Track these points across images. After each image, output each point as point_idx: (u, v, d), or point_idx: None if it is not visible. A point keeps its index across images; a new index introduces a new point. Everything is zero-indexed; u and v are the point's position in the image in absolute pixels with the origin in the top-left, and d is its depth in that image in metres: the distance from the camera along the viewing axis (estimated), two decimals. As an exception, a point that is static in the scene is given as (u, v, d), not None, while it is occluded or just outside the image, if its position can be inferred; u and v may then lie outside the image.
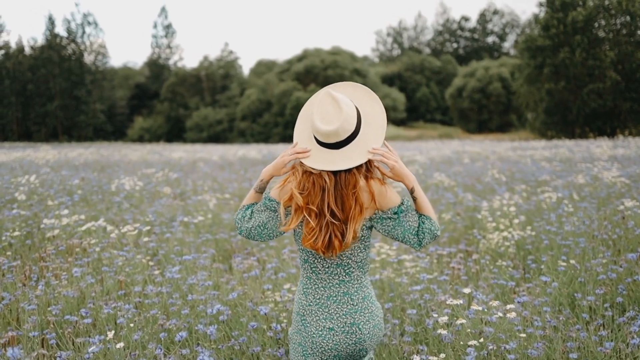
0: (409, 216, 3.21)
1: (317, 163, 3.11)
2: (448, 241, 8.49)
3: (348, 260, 3.23)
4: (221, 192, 13.03)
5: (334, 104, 3.09)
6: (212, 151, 32.79)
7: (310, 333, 3.25)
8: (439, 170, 16.59)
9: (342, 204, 3.13)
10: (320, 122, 3.08)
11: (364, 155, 3.11)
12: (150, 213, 9.94)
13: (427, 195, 11.62)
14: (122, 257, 6.44)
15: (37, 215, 9.75)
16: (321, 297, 3.25)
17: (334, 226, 3.13)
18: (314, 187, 3.14)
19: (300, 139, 3.23)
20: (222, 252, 8.25)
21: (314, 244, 3.14)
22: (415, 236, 3.21)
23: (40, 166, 19.33)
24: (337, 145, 3.11)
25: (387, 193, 3.19)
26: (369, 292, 3.32)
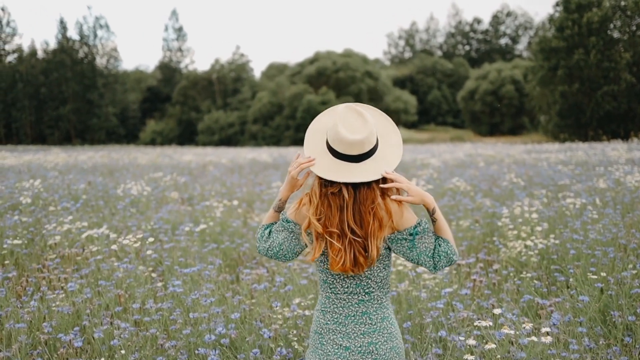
0: (425, 238, 3.12)
1: (337, 176, 3.04)
2: (467, 250, 8.08)
3: (367, 280, 3.15)
4: (229, 197, 12.67)
5: (359, 117, 3.05)
6: (222, 154, 32.48)
7: (326, 351, 3.19)
8: (453, 174, 16.17)
9: (360, 220, 3.05)
10: (347, 131, 3.01)
11: (381, 168, 3.05)
12: (155, 220, 9.58)
13: (443, 200, 11.19)
14: (123, 268, 6.07)
15: (39, 221, 9.42)
16: (339, 316, 3.19)
17: (356, 243, 3.05)
18: (330, 209, 3.07)
19: (313, 153, 3.15)
20: (229, 260, 7.89)
21: (342, 267, 3.07)
22: (430, 259, 3.12)
23: (48, 170, 19.03)
24: (357, 158, 3.05)
25: (404, 213, 3.10)
26: (388, 314, 3.24)
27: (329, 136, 3.10)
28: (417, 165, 20.42)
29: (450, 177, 15.01)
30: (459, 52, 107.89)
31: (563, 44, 54.01)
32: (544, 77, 56.11)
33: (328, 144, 3.10)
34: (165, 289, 5.67)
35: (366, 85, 75.03)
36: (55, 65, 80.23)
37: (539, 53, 56.84)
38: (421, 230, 3.09)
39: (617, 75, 52.03)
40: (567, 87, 53.71)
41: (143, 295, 5.51)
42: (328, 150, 3.10)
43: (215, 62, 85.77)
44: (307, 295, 5.70)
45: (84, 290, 5.60)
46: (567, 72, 53.84)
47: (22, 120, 79.81)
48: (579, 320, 4.81)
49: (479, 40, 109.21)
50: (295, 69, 78.79)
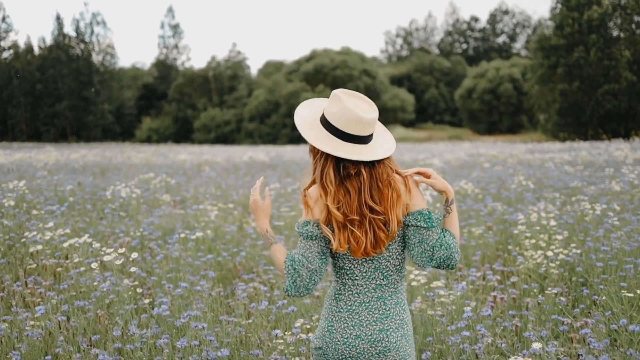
0: (436, 229, 3.10)
1: (360, 156, 3.03)
2: (481, 259, 7.49)
3: (386, 263, 3.12)
4: (224, 199, 12.06)
5: (359, 98, 3.11)
6: (218, 153, 31.83)
7: (335, 340, 3.12)
8: (458, 176, 15.58)
9: (379, 195, 3.06)
10: (362, 112, 3.03)
11: (391, 147, 3.16)
12: (145, 224, 8.96)
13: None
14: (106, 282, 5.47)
15: (21, 226, 8.81)
16: (353, 304, 3.13)
17: (377, 221, 3.05)
18: (348, 195, 3.06)
19: (316, 139, 3.09)
20: (225, 271, 7.30)
21: (364, 252, 3.05)
22: (430, 249, 3.08)
23: (37, 169, 18.38)
24: (366, 139, 3.08)
25: (417, 189, 3.13)
26: (402, 299, 3.21)
27: (337, 121, 3.06)
28: (419, 165, 19.81)
29: (456, 179, 14.41)
30: (456, 51, 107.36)
31: (563, 42, 53.47)
32: (544, 75, 55.58)
33: (335, 128, 3.07)
34: (151, 307, 5.07)
35: (363, 83, 74.71)
36: (51, 61, 79.70)
37: (539, 51, 56.34)
38: (436, 219, 3.07)
39: (617, 74, 51.51)
40: (567, 86, 53.20)
41: (127, 315, 4.91)
42: (335, 136, 3.07)
43: (211, 60, 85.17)
44: (308, 313, 5.14)
45: (60, 308, 5.00)
46: (567, 70, 53.32)
47: (17, 117, 79.32)
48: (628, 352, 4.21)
49: (476, 39, 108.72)
50: (292, 67, 78.39)
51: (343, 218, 3.04)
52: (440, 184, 3.12)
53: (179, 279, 6.03)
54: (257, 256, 7.74)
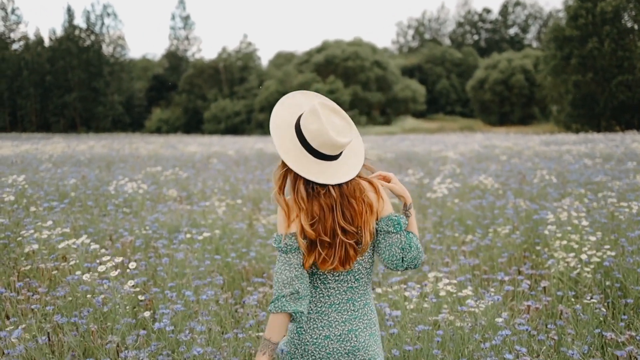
0: (404, 233, 3.15)
1: (326, 177, 3.02)
2: (507, 262, 6.98)
3: (359, 267, 3.13)
4: (233, 194, 11.56)
5: (339, 116, 3.05)
6: (228, 144, 31.31)
7: (304, 341, 3.12)
8: (475, 169, 15.05)
9: (351, 215, 3.05)
10: (338, 136, 2.99)
11: (359, 161, 3.14)
12: (150, 222, 8.46)
13: (474, 201, 10.03)
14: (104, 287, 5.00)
15: (19, 223, 8.33)
16: (323, 306, 3.14)
17: (346, 243, 3.03)
18: (322, 211, 3.03)
19: (295, 159, 3.05)
20: (233, 273, 6.81)
21: (330, 266, 3.03)
22: (400, 251, 3.11)
23: (42, 162, 17.90)
24: (336, 157, 3.07)
25: (385, 194, 3.15)
26: (370, 300, 3.24)
27: (313, 140, 3.01)
28: (433, 158, 19.27)
29: (474, 173, 13.88)
30: (467, 42, 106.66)
31: (577, 33, 52.80)
32: (557, 66, 54.99)
33: (310, 146, 3.03)
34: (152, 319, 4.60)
35: (374, 74, 74.58)
36: (62, 53, 79.79)
37: (552, 42, 55.73)
38: (404, 223, 3.10)
39: (631, 65, 50.90)
40: (581, 77, 52.63)
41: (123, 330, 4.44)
42: (307, 151, 3.04)
43: (222, 51, 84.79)
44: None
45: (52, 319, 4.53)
46: (580, 61, 52.71)
47: (27, 108, 79.44)
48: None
49: (488, 30, 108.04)
50: (303, 58, 78.29)
51: (315, 236, 3.01)
52: (399, 189, 3.18)
53: (182, 287, 5.55)
54: (268, 257, 7.22)
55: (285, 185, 3.10)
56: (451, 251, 7.13)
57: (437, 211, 9.37)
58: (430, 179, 12.47)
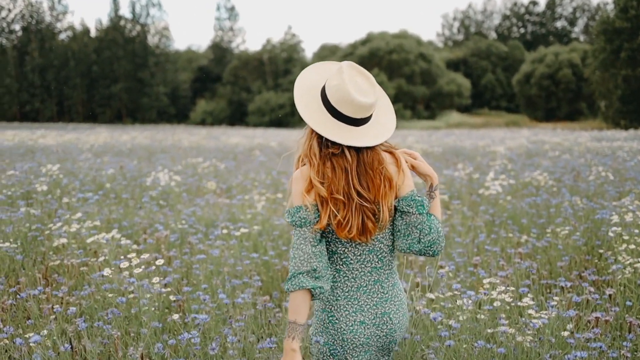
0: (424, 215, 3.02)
1: (341, 137, 2.89)
2: (568, 267, 6.44)
3: (380, 245, 3.04)
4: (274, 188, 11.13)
5: (364, 77, 2.96)
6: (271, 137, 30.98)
7: (340, 329, 3.02)
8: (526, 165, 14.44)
9: (368, 183, 2.93)
10: (358, 94, 2.88)
11: (383, 133, 2.99)
12: (186, 215, 8.07)
13: (524, 200, 9.44)
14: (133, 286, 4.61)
15: (51, 215, 8.02)
16: (350, 289, 3.04)
17: (364, 208, 2.92)
18: (334, 171, 2.91)
19: (311, 113, 2.97)
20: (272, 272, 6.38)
21: (348, 234, 2.92)
22: (418, 231, 2.99)
23: (82, 151, 17.71)
24: (360, 122, 2.94)
25: (407, 169, 3.03)
26: (397, 280, 3.16)
27: (332, 95, 2.93)
28: (481, 152, 18.68)
29: (524, 169, 13.29)
30: (514, 35, 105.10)
31: (627, 25, 51.41)
32: (605, 60, 53.63)
33: (329, 103, 2.94)
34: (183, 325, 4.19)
35: (419, 67, 73.98)
36: (108, 43, 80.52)
37: (601, 34, 54.31)
38: (426, 205, 2.99)
39: (683, 59, 49.47)
40: (631, 71, 51.24)
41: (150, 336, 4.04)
42: (327, 110, 2.96)
43: (266, 43, 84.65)
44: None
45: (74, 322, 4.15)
46: (630, 55, 51.33)
47: (74, 98, 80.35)
48: None
49: (534, 23, 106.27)
50: (347, 50, 77.85)
51: (327, 194, 2.90)
52: (425, 168, 3.08)
53: (217, 287, 5.14)
54: None
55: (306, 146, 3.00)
56: (506, 253, 6.63)
57: (489, 209, 8.84)
58: (480, 175, 11.92)
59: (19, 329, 4.54)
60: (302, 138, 3.07)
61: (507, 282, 5.54)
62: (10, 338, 4.21)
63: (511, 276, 5.73)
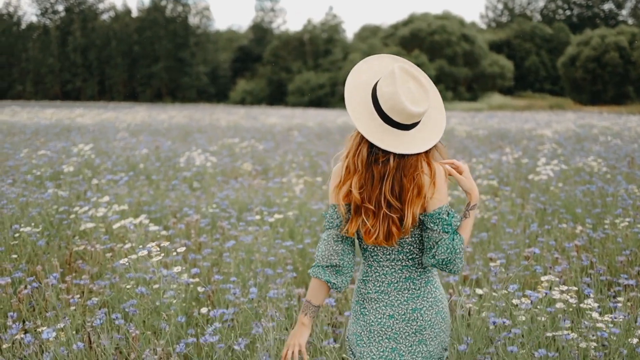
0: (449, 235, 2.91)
1: (392, 145, 2.83)
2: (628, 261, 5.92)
3: (409, 247, 3.00)
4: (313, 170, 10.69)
5: (417, 83, 2.85)
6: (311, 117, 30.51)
7: (369, 321, 3.03)
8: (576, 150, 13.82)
9: (399, 190, 2.89)
10: (409, 102, 2.79)
11: (432, 138, 2.92)
12: (219, 199, 7.67)
13: (577, 188, 8.84)
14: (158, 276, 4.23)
15: (79, 196, 7.70)
16: (382, 284, 3.03)
17: (391, 216, 2.88)
18: (372, 180, 2.89)
19: (361, 118, 2.88)
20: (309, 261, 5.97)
21: (376, 240, 2.92)
22: (435, 245, 2.91)
23: (119, 130, 17.43)
24: (409, 127, 2.86)
25: (443, 182, 2.93)
26: (432, 277, 3.08)
27: (384, 103, 2.85)
28: (527, 136, 18.04)
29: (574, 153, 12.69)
30: (559, 17, 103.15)
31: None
32: (654, 43, 52.33)
33: (380, 109, 2.86)
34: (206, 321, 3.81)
35: (461, 49, 73.10)
36: (149, 23, 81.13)
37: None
38: (454, 224, 2.90)
39: None
40: (680, 55, 49.94)
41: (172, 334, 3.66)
42: (377, 113, 2.89)
43: (307, 23, 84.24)
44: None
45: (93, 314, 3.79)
46: (680, 37, 49.96)
47: (115, 78, 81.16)
48: None
49: (580, 5, 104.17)
50: (388, 31, 77.34)
51: (360, 202, 2.90)
52: (468, 184, 3.01)
53: (247, 278, 4.74)
54: None
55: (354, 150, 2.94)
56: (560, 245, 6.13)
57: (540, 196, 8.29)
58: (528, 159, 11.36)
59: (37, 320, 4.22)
60: (353, 139, 2.99)
61: (563, 277, 5.07)
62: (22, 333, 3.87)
63: (567, 271, 5.25)
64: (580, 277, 5.11)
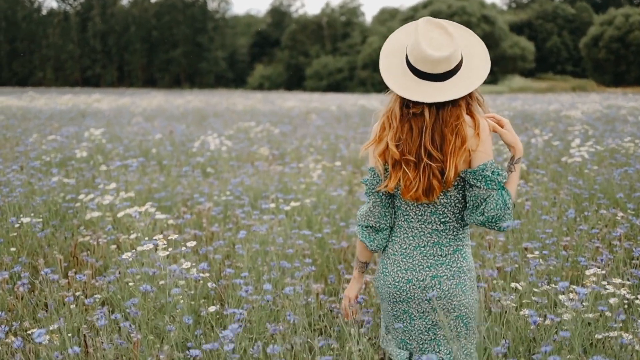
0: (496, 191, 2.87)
1: (421, 95, 2.79)
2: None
3: (443, 209, 2.95)
4: (331, 154, 10.25)
5: (442, 31, 2.83)
6: (329, 101, 30.06)
7: (387, 282, 3.04)
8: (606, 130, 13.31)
9: (440, 141, 2.84)
10: (430, 48, 2.77)
11: (467, 85, 2.81)
12: (233, 185, 7.24)
13: (614, 171, 8.31)
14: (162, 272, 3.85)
15: (88, 184, 7.33)
16: (408, 247, 3.02)
17: (432, 167, 2.85)
18: (410, 133, 2.87)
19: (391, 74, 2.91)
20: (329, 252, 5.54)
21: (415, 195, 2.88)
22: (483, 202, 2.87)
23: (134, 115, 17.08)
24: (443, 77, 2.81)
25: (488, 136, 2.86)
26: (462, 246, 3.02)
27: (410, 54, 2.87)
28: (553, 117, 17.51)
29: (605, 134, 12.18)
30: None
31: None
32: (680, 21, 51.45)
33: (409, 62, 2.86)
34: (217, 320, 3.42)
35: (482, 30, 72.42)
36: (167, 8, 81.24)
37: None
38: (501, 179, 2.85)
39: None
40: None
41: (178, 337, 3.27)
42: (409, 70, 2.88)
43: (325, 6, 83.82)
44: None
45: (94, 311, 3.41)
46: None
47: (134, 64, 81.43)
48: None
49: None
50: (407, 14, 76.75)
51: (399, 156, 2.89)
52: (511, 137, 2.96)
53: (261, 273, 4.34)
54: None
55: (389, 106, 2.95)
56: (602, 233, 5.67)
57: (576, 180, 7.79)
58: (559, 141, 10.86)
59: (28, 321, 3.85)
60: (387, 99, 2.99)
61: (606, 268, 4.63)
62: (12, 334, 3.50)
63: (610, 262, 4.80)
64: (627, 269, 4.66)
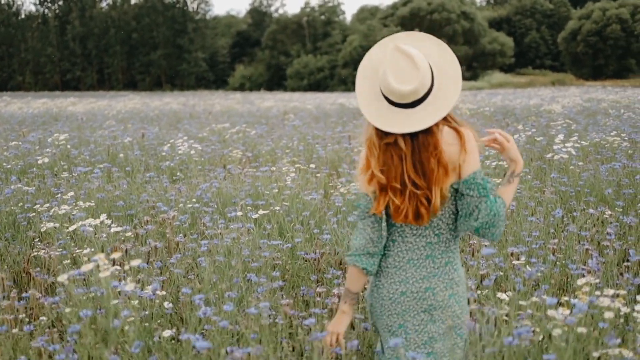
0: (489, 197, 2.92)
1: (392, 126, 2.83)
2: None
3: (438, 221, 2.98)
4: (307, 156, 9.88)
5: (408, 60, 2.79)
6: (308, 100, 29.73)
7: (382, 295, 3.06)
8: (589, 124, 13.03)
9: (422, 170, 2.86)
10: (396, 82, 2.78)
11: (439, 111, 2.82)
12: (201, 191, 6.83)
13: (600, 166, 7.99)
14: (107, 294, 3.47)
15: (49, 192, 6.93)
16: (401, 261, 3.03)
17: (418, 195, 2.87)
18: (392, 160, 2.88)
19: (366, 100, 2.92)
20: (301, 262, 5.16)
21: (405, 219, 2.91)
22: (476, 211, 2.90)
23: (107, 118, 16.65)
24: (413, 104, 2.81)
25: (476, 149, 2.91)
26: (454, 258, 3.05)
27: (380, 83, 2.87)
28: (534, 112, 17.24)
29: (592, 129, 11.88)
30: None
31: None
32: (657, 14, 51.70)
33: (382, 90, 2.87)
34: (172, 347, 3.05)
35: (461, 27, 73.19)
36: (147, 10, 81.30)
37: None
38: (490, 188, 2.91)
39: None
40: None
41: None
42: (382, 96, 2.88)
43: (305, 5, 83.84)
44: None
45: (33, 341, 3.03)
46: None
47: (114, 66, 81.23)
48: None
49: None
50: (387, 12, 77.61)
51: (386, 182, 2.89)
52: (513, 153, 3.01)
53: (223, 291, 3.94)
54: (347, 240, 5.41)
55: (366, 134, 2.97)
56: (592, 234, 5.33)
57: (560, 177, 7.44)
58: (541, 136, 10.55)
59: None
60: (364, 124, 3.00)
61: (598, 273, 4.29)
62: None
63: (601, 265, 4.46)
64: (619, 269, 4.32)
